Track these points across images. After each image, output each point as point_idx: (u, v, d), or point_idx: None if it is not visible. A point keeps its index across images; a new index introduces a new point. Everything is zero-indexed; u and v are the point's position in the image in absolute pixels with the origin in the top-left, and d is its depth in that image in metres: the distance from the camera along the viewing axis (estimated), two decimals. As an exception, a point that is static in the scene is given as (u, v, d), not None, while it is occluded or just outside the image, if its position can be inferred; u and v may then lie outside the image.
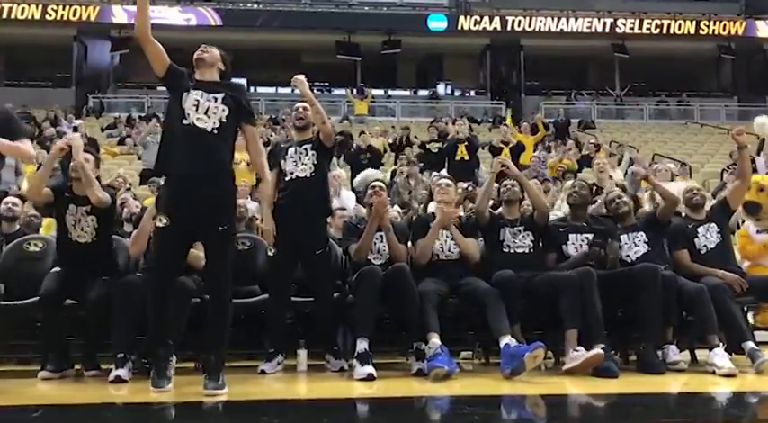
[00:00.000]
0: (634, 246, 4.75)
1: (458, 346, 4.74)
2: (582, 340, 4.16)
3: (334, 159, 9.86)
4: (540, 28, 23.06)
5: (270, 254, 4.47)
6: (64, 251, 4.40)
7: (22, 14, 21.30)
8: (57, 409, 3.34)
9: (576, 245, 4.70)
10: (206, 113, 3.63)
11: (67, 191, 4.37)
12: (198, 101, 3.64)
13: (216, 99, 3.67)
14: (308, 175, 4.43)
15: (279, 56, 20.50)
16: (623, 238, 4.78)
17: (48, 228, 5.84)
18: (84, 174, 4.19)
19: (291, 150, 4.50)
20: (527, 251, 4.67)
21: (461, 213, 5.26)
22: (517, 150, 9.73)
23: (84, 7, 21.66)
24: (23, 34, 21.19)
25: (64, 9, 21.47)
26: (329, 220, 5.48)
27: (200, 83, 3.74)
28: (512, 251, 4.66)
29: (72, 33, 22.02)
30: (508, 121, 14.22)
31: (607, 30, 23.21)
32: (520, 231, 4.69)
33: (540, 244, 4.72)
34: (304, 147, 4.49)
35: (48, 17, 21.40)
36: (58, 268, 4.33)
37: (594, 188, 6.01)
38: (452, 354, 4.12)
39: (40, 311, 4.22)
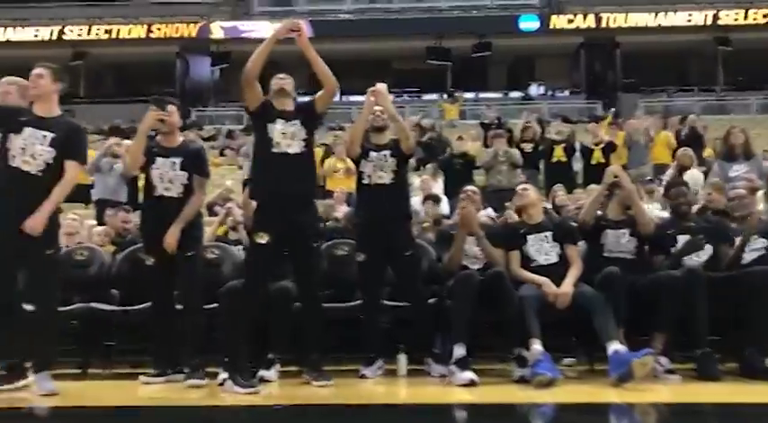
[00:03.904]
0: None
1: (560, 352, 4.64)
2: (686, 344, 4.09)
3: (430, 166, 9.87)
4: (636, 23, 22.34)
5: (359, 259, 4.52)
6: None
7: (129, 34, 22.64)
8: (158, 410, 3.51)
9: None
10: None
11: None
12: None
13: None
14: (388, 182, 4.48)
15: (369, 64, 20.74)
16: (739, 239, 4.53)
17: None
18: None
19: (373, 155, 4.50)
20: (629, 256, 4.49)
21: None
22: (608, 150, 9.40)
23: (185, 25, 22.77)
24: (131, 53, 22.51)
25: (167, 27, 22.66)
26: (426, 225, 5.50)
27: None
28: (613, 255, 4.47)
29: (175, 50, 23.15)
30: (608, 120, 13.80)
31: (709, 22, 22.20)
32: (624, 234, 4.52)
33: (646, 248, 4.55)
34: (383, 152, 4.51)
35: (152, 35, 22.65)
36: None
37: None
38: (554, 360, 4.04)
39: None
